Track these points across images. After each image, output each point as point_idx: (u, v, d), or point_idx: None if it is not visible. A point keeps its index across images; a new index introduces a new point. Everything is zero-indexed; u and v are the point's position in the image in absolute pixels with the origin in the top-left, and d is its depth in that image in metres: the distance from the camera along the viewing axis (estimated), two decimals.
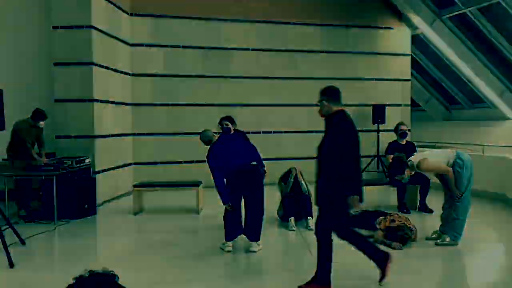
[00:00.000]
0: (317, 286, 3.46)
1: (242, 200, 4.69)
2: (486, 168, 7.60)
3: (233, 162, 4.59)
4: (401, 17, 10.29)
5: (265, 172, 4.98)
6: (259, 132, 9.29)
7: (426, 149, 9.47)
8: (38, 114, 6.35)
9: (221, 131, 5.33)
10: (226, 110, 8.46)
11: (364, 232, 5.23)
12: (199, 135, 4.90)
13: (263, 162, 5.06)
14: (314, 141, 10.84)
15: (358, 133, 3.54)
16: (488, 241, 5.18)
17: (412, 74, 11.26)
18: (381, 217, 5.20)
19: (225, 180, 4.67)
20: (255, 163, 4.71)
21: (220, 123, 5.44)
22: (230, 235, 4.67)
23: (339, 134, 3.42)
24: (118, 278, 1.70)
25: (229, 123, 5.39)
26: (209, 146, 4.79)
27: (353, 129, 3.50)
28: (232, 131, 5.37)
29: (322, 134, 3.65)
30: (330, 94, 3.61)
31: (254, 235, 4.67)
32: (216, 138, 4.83)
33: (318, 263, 3.48)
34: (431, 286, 3.73)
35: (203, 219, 6.27)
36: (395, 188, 6.71)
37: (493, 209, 6.79)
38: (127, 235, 5.64)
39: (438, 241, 4.79)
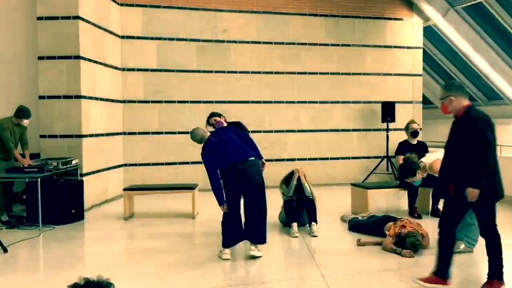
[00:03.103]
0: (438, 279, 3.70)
1: (242, 202, 4.71)
2: (504, 169, 7.58)
3: (229, 158, 4.59)
4: (412, 7, 10.29)
5: (263, 164, 4.96)
6: (260, 131, 9.31)
7: (439, 149, 9.49)
8: (22, 112, 6.36)
9: (213, 129, 5.33)
10: (224, 108, 8.51)
11: (372, 239, 5.26)
12: (191, 136, 4.84)
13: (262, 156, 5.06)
14: (318, 141, 10.88)
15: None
16: (506, 248, 5.17)
17: (424, 68, 11.27)
18: (390, 223, 5.21)
19: (221, 181, 4.68)
20: (253, 158, 4.70)
21: (208, 122, 5.48)
22: (227, 241, 4.67)
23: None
24: (114, 286, 1.71)
25: (217, 118, 5.43)
26: (202, 144, 4.77)
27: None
28: (225, 124, 5.40)
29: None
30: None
31: (256, 236, 4.68)
32: (209, 134, 4.81)
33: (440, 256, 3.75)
34: None
35: (198, 225, 6.27)
36: (406, 192, 6.72)
37: (511, 213, 6.80)
38: (117, 242, 5.64)
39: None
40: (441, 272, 3.73)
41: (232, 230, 4.66)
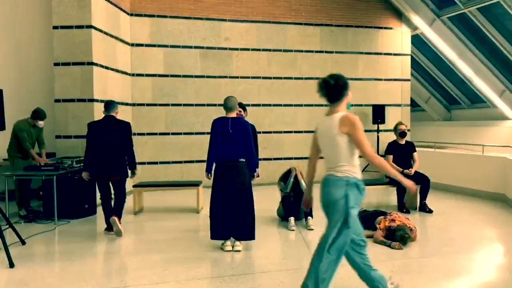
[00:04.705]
0: None
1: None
2: (486, 168, 7.62)
3: (223, 151, 4.61)
4: (401, 17, 10.30)
5: (253, 175, 4.87)
6: (259, 132, 9.27)
7: (427, 149, 9.53)
8: (37, 114, 6.36)
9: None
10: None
11: (363, 232, 5.26)
12: (225, 100, 4.77)
13: (257, 161, 5.04)
14: None
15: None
16: (487, 241, 5.19)
17: (412, 74, 11.28)
18: (380, 217, 5.21)
19: (212, 172, 4.75)
20: (243, 160, 4.67)
21: (239, 105, 5.37)
22: (213, 234, 4.69)
23: None
24: None
25: (242, 110, 5.44)
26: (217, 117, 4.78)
27: None
28: (245, 116, 5.41)
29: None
30: None
31: (240, 233, 4.67)
32: (234, 113, 4.77)
33: None
34: (431, 286, 3.74)
35: (202, 219, 6.27)
36: (395, 188, 6.72)
37: (492, 209, 6.81)
38: (127, 235, 5.64)
39: None
40: None
41: (217, 223, 4.66)
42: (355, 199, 2.91)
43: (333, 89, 3.05)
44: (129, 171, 5.47)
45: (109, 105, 5.39)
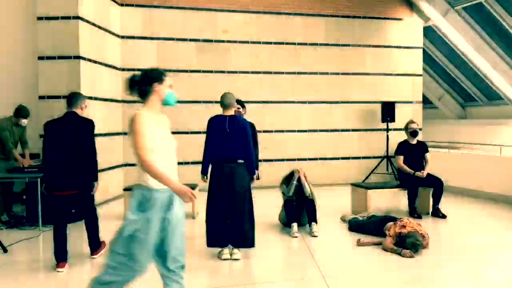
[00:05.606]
0: None
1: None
2: (504, 170, 7.61)
3: (221, 150, 4.64)
4: (412, 7, 10.30)
5: (252, 177, 4.82)
6: (259, 131, 9.26)
7: (440, 149, 9.54)
8: (20, 111, 6.36)
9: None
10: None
11: (372, 239, 5.26)
12: (222, 96, 4.82)
13: (257, 162, 5.06)
14: (318, 141, 10.88)
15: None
16: (504, 248, 5.18)
17: (424, 68, 11.27)
18: (390, 223, 5.21)
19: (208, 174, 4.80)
20: (241, 161, 4.66)
21: (237, 101, 5.42)
22: (209, 241, 4.68)
23: None
24: None
25: (240, 108, 5.47)
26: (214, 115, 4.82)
27: None
28: (244, 114, 5.46)
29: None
30: None
31: (237, 240, 4.65)
32: (232, 111, 4.79)
33: None
34: None
35: (199, 225, 6.27)
36: (406, 192, 6.72)
37: (510, 213, 6.80)
38: None
39: None
40: None
41: (214, 230, 4.66)
42: (137, 212, 2.77)
43: (138, 84, 2.97)
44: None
45: (71, 98, 4.46)
